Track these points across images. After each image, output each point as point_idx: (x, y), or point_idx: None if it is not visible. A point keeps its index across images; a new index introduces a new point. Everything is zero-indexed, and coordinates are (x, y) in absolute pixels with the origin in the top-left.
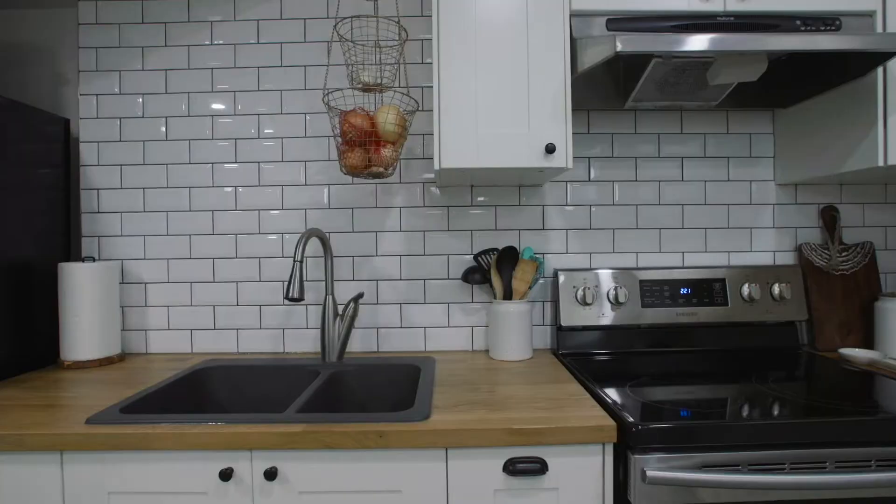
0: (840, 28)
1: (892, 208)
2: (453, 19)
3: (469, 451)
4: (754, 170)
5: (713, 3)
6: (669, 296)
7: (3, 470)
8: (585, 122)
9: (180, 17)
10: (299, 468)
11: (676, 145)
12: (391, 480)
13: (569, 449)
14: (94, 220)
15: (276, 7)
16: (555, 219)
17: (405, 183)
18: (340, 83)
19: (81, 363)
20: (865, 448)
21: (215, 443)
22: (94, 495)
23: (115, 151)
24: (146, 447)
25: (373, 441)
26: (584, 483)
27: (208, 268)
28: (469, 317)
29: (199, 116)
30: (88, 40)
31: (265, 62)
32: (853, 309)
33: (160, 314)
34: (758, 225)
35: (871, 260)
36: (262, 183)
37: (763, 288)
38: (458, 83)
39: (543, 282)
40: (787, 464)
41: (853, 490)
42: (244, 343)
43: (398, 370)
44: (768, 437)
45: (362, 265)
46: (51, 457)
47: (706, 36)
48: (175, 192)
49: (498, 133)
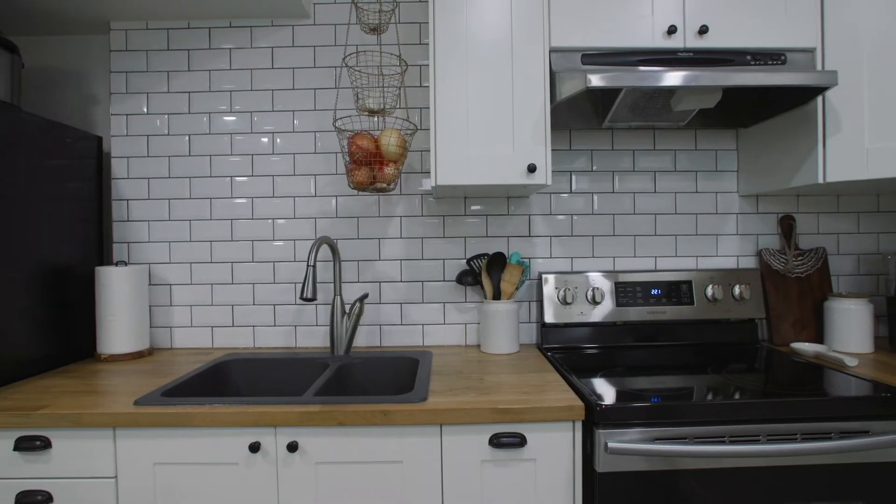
0: (785, 62)
1: (844, 217)
2: (448, 53)
3: (460, 427)
4: (720, 182)
5: (675, 40)
6: (642, 296)
7: (64, 443)
8: (567, 139)
9: (202, 44)
10: (316, 442)
11: (650, 160)
12: (394, 452)
13: (545, 426)
14: (124, 228)
15: (289, 36)
16: (540, 226)
17: (405, 194)
18: (347, 104)
19: (116, 356)
20: (793, 423)
21: (245, 421)
22: (142, 465)
23: (143, 165)
24: (186, 424)
25: (378, 419)
26: (558, 454)
27: (227, 271)
28: (462, 315)
29: (218, 134)
30: (119, 65)
31: (278, 85)
32: (807, 308)
33: (184, 313)
34: (723, 232)
35: (824, 264)
36: (276, 194)
37: (725, 289)
38: (453, 111)
39: (529, 283)
40: (727, 437)
41: (781, 458)
42: (260, 339)
43: (399, 362)
44: (711, 415)
45: (367, 268)
46: (105, 432)
47: (667, 72)
48: (197, 202)
49: (487, 154)
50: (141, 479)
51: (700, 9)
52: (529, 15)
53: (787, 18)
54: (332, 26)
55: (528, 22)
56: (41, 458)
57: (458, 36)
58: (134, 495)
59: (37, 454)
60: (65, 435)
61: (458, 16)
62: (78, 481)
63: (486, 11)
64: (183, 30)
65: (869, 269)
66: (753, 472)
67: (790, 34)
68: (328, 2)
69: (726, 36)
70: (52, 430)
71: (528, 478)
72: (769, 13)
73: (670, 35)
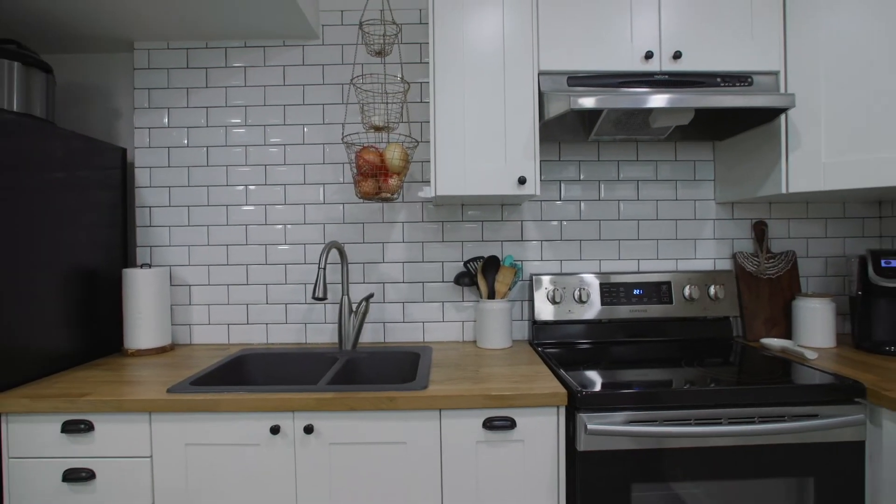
0: (752, 84)
1: (813, 223)
2: (446, 75)
3: (457, 412)
4: (698, 191)
5: (652, 64)
6: (625, 296)
7: (105, 426)
8: (557, 151)
9: (219, 62)
10: (330, 425)
11: (633, 170)
12: (399, 434)
13: (532, 410)
14: (146, 233)
15: (299, 55)
16: (531, 231)
17: (407, 202)
18: (354, 117)
19: (142, 351)
20: (751, 408)
21: (266, 406)
22: (175, 446)
23: (164, 175)
24: (213, 410)
25: (385, 404)
26: (544, 435)
27: (242, 272)
28: (460, 313)
29: (234, 146)
30: (142, 82)
31: (289, 101)
32: (777, 306)
33: (202, 311)
34: (700, 237)
35: (794, 266)
36: (287, 202)
37: (702, 289)
38: (450, 129)
39: (522, 284)
40: (693, 420)
41: (740, 438)
42: (273, 335)
43: (402, 356)
44: (678, 400)
45: (372, 270)
46: (142, 417)
47: (642, 95)
48: (214, 209)
49: (481, 167)
50: (174, 458)
51: (674, 35)
52: (520, 40)
53: (753, 44)
54: (339, 46)
55: (518, 47)
56: (85, 440)
57: (456, 58)
58: (167, 473)
59: (81, 436)
60: (106, 419)
61: (456, 40)
62: (118, 460)
63: (480, 35)
64: (201, 49)
65: (835, 270)
66: (716, 451)
67: (756, 58)
68: (336, 24)
69: (698, 60)
70: (94, 414)
71: (517, 456)
72: (737, 39)
73: (648, 59)
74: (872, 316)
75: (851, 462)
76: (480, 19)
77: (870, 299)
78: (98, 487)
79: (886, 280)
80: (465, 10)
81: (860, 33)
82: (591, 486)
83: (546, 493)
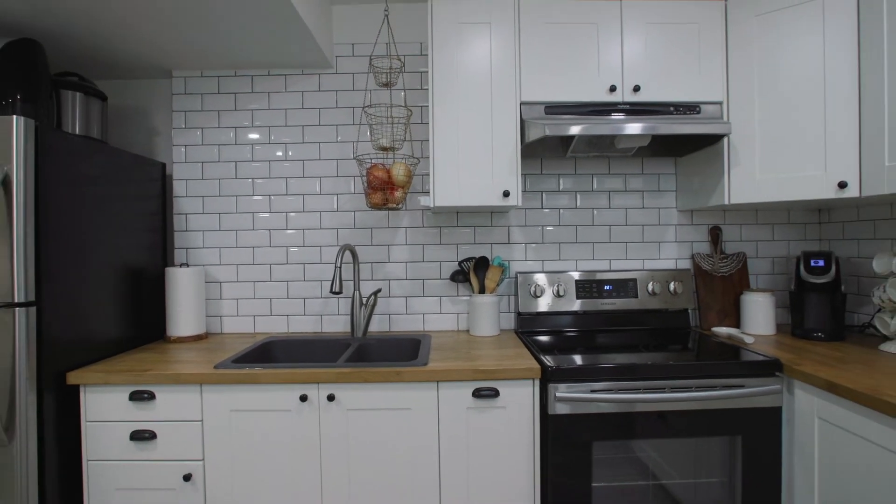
0: (700, 112)
1: (762, 227)
2: (442, 104)
3: (451, 383)
4: (662, 200)
5: (616, 95)
6: (596, 291)
7: (164, 395)
8: (539, 165)
9: (246, 88)
10: (348, 394)
11: (606, 182)
12: (404, 401)
13: (513, 382)
14: (183, 237)
15: (316, 82)
16: (517, 235)
17: (409, 210)
18: (364, 136)
19: (182, 338)
20: (689, 380)
21: (296, 379)
22: (221, 411)
23: (198, 186)
24: (253, 382)
25: (393, 377)
26: (522, 402)
27: (266, 271)
28: (455, 306)
29: (259, 161)
30: (179, 105)
31: (307, 122)
32: (729, 300)
33: (231, 305)
34: (664, 240)
35: (744, 265)
36: (306, 210)
37: (663, 285)
38: (446, 150)
39: (508, 281)
40: (642, 389)
41: (679, 403)
42: (293, 325)
43: (405, 342)
44: (631, 374)
45: (379, 269)
46: (194, 388)
47: (606, 124)
48: (242, 216)
49: (472, 182)
50: (220, 421)
51: (634, 71)
52: (505, 75)
53: (700, 79)
54: (350, 75)
55: (503, 80)
56: (148, 406)
57: (451, 88)
58: (215, 434)
59: (145, 403)
60: (165, 390)
61: (451, 73)
62: (174, 423)
63: (471, 69)
64: (230, 77)
65: (780, 269)
66: (661, 414)
67: (703, 91)
68: (347, 55)
69: (654, 92)
70: (156, 385)
71: (500, 419)
72: (687, 75)
73: (612, 92)
74: (804, 307)
75: (771, 423)
76: (471, 55)
77: (802, 293)
78: (158, 445)
79: (815, 277)
80: (458, 47)
81: (783, 75)
82: (560, 444)
83: (524, 450)
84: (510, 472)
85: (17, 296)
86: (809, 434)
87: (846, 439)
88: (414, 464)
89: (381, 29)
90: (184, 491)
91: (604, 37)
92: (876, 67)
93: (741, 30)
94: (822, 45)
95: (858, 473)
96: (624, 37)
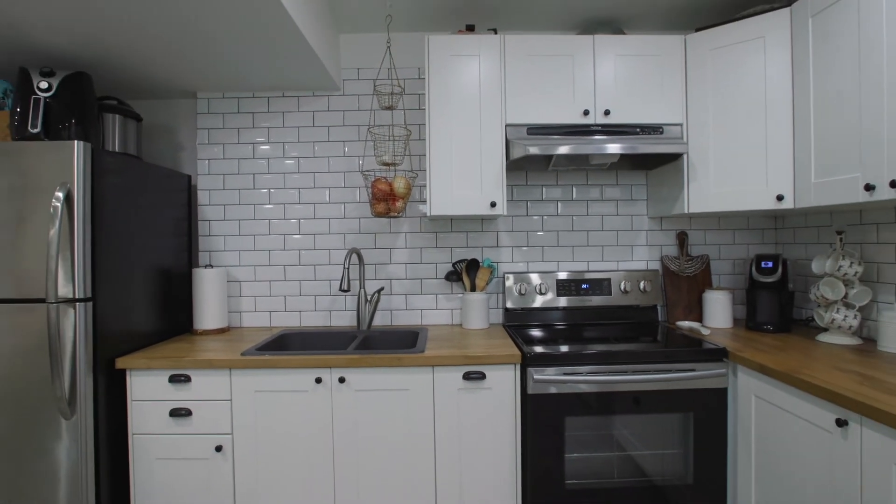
0: (663, 133)
1: (724, 233)
2: (438, 126)
3: (445, 367)
4: (634, 208)
5: (589, 118)
6: (575, 289)
7: (199, 378)
8: (525, 177)
9: (262, 108)
10: (356, 377)
11: (584, 192)
12: (404, 383)
13: (497, 367)
14: (207, 241)
15: (325, 103)
16: (504, 240)
17: (409, 217)
18: (369, 151)
19: (207, 331)
20: (649, 364)
21: (312, 364)
22: (248, 392)
23: (220, 196)
24: (274, 366)
25: (394, 362)
26: (505, 383)
27: (281, 272)
28: (449, 303)
29: (274, 173)
30: (203, 123)
31: (317, 138)
32: (694, 298)
33: (249, 302)
34: (636, 244)
35: (707, 266)
36: (316, 216)
37: (634, 284)
38: (441, 166)
39: (497, 280)
40: (607, 372)
41: (640, 384)
42: (305, 320)
43: (405, 334)
44: (597, 360)
45: (381, 270)
46: (224, 372)
47: (581, 144)
48: (259, 222)
49: (464, 194)
50: (246, 400)
51: (605, 97)
52: (492, 99)
53: (663, 103)
54: (356, 96)
55: (491, 104)
56: (185, 388)
57: (445, 110)
58: (242, 411)
59: (182, 384)
60: (200, 373)
61: (445, 96)
62: (207, 402)
63: (463, 94)
64: (249, 98)
65: (740, 270)
66: (623, 394)
67: (665, 113)
68: (353, 79)
69: (623, 115)
70: (192, 369)
71: (486, 398)
72: (651, 99)
73: (586, 115)
74: (756, 304)
75: (718, 402)
76: (463, 83)
77: (754, 291)
78: (193, 421)
79: (764, 277)
80: (451, 76)
81: (732, 102)
82: (538, 418)
83: (507, 424)
84: (495, 443)
85: (77, 293)
86: (748, 409)
87: (774, 412)
88: (412, 436)
89: (383, 58)
90: (215, 460)
91: (578, 67)
92: (804, 100)
93: (698, 62)
94: (763, 78)
95: (782, 440)
96: (596, 67)
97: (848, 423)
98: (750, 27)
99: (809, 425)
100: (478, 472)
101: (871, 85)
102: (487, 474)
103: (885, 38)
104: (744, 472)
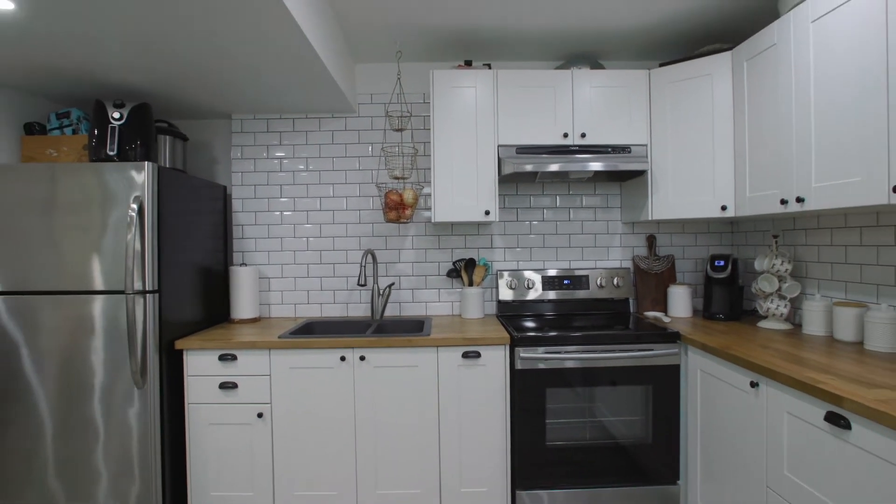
0: (630, 152)
1: (688, 236)
2: (440, 145)
3: (447, 348)
4: (610, 215)
5: (568, 140)
6: (559, 284)
7: (244, 357)
8: (515, 188)
9: (288, 128)
10: (374, 356)
11: (567, 201)
12: (414, 361)
13: (490, 347)
14: (240, 243)
15: (343, 123)
16: (498, 242)
17: (415, 222)
18: (379, 165)
19: (243, 320)
20: (616, 345)
21: (337, 345)
22: (284, 368)
23: (252, 204)
24: (306, 347)
25: (406, 344)
26: (497, 361)
27: (305, 270)
28: (450, 296)
29: (299, 184)
30: (237, 141)
31: (336, 154)
32: (661, 292)
33: (277, 295)
34: (612, 245)
35: (672, 265)
36: (335, 222)
37: (608, 280)
38: (443, 179)
39: (491, 277)
40: (584, 352)
41: (608, 360)
42: (325, 311)
43: (413, 322)
44: (575, 341)
45: (392, 268)
46: (265, 352)
47: (560, 161)
48: (286, 227)
49: (462, 203)
50: (283, 375)
51: (582, 122)
52: (487, 124)
53: (631, 128)
54: (370, 118)
55: (485, 127)
56: (232, 365)
57: (446, 131)
58: (279, 385)
59: (229, 362)
60: (244, 353)
61: (446, 119)
62: (250, 377)
63: (461, 117)
64: (276, 119)
65: (701, 268)
66: (594, 369)
67: (633, 135)
68: (367, 102)
69: (597, 137)
70: (238, 350)
71: (481, 374)
72: (621, 124)
73: (565, 137)
74: (711, 296)
75: (672, 376)
76: (462, 109)
77: (709, 286)
78: (239, 392)
79: (717, 273)
80: (452, 103)
81: (686, 127)
82: (524, 389)
83: (498, 395)
84: (489, 410)
85: (147, 286)
86: (694, 382)
87: (712, 382)
88: (421, 405)
89: (394, 87)
90: (257, 425)
91: (559, 97)
92: (741, 128)
93: (659, 93)
94: (711, 108)
95: (717, 402)
96: (574, 96)
97: (758, 385)
98: (701, 65)
99: (733, 388)
100: (474, 433)
101: (783, 121)
102: (483, 434)
103: (794, 85)
104: (692, 431)
